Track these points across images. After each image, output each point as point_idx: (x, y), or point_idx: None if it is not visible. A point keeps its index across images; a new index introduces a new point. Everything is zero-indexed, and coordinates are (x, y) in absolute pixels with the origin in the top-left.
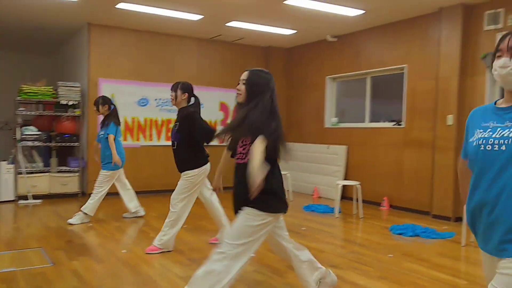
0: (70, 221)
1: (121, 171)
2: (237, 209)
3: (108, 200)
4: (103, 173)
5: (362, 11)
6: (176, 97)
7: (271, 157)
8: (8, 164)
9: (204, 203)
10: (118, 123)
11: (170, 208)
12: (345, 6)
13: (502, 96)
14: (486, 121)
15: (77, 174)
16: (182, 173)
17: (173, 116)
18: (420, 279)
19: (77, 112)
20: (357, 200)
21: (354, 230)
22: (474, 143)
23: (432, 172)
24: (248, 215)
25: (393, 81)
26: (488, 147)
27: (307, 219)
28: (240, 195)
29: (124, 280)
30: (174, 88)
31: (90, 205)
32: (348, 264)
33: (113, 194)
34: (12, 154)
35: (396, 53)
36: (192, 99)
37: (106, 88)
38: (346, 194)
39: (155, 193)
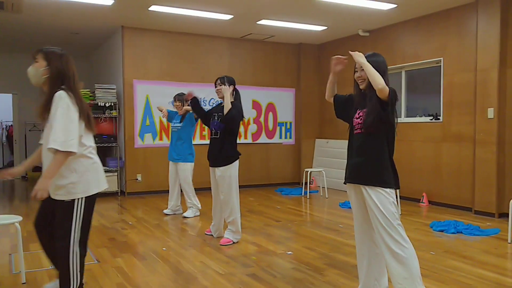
0: (184, 214)
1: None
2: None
3: (146, 198)
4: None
5: (394, 5)
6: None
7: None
8: None
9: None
10: None
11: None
12: (376, 0)
13: None
14: None
15: (115, 173)
16: (219, 168)
17: None
18: (465, 277)
19: (114, 113)
20: None
21: None
22: None
23: (474, 167)
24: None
25: (429, 74)
26: None
27: (344, 216)
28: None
29: (167, 277)
30: (222, 82)
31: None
32: None
33: (152, 192)
34: None
35: (431, 46)
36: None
37: (141, 89)
38: None
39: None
